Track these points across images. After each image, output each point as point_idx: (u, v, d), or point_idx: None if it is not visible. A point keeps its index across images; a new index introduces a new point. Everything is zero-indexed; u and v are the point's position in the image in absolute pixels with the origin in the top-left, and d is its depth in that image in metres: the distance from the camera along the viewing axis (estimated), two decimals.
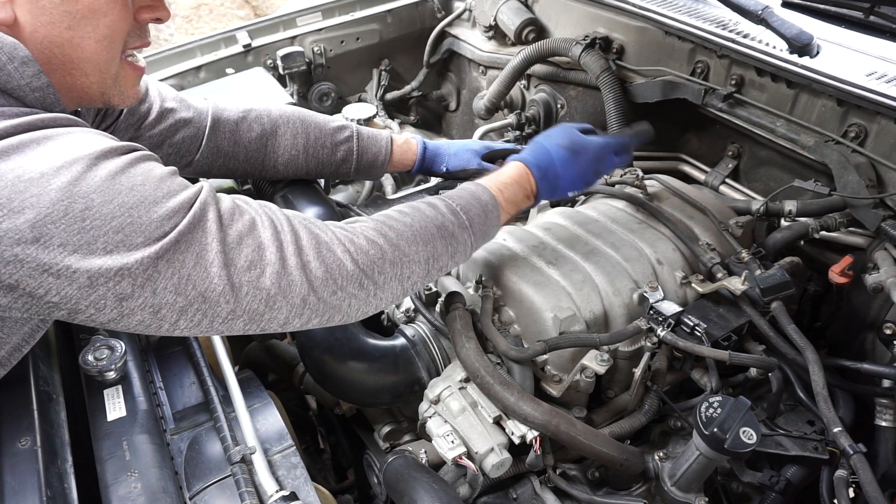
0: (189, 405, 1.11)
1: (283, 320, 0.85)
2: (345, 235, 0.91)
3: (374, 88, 2.42)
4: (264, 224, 0.84)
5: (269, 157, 1.36)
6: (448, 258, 1.00)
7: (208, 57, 2.07)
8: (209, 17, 5.86)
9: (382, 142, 1.43)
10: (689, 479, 1.06)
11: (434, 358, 1.26)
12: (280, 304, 0.83)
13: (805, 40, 1.39)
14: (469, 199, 1.05)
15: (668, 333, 1.13)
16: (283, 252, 0.83)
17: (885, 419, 1.20)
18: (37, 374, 1.01)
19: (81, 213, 0.72)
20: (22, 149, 0.73)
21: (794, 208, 1.39)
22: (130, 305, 0.76)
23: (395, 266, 0.93)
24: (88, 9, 0.81)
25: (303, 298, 0.84)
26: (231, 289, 0.79)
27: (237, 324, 0.83)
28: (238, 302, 0.80)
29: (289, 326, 0.87)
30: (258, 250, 0.82)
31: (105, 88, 0.90)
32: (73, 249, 0.72)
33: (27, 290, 0.73)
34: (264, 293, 0.81)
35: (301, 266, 0.84)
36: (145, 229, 0.75)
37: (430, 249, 0.97)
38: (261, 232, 0.83)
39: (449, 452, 1.08)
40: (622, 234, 1.32)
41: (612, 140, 1.26)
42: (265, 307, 0.82)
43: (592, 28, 1.85)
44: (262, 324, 0.84)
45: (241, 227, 0.82)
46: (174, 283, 0.76)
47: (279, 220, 0.87)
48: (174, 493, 0.92)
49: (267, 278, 0.81)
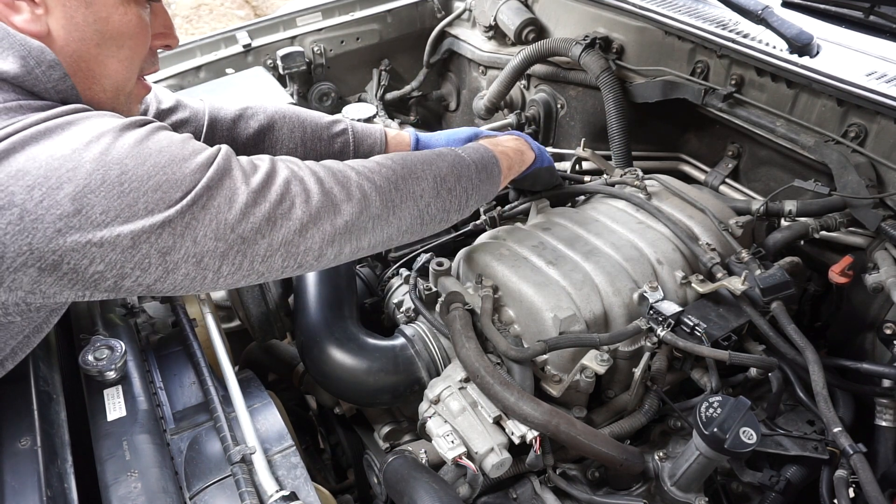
0: (189, 405, 1.11)
1: (317, 250, 0.90)
2: (356, 163, 1.00)
3: (374, 88, 2.42)
4: (281, 166, 0.91)
5: (267, 153, 1.36)
6: (454, 181, 1.08)
7: (208, 57, 2.07)
8: (209, 17, 5.86)
9: (377, 134, 1.45)
10: (689, 479, 1.06)
11: (434, 358, 1.26)
12: (312, 232, 0.88)
13: (805, 40, 1.39)
14: (466, 146, 1.18)
15: (668, 333, 1.13)
16: (306, 184, 0.89)
17: (885, 419, 1.20)
18: (37, 374, 1.01)
19: (118, 178, 0.75)
20: (49, 133, 0.76)
21: (794, 208, 1.39)
22: (174, 258, 0.79)
23: (407, 182, 1.01)
24: (117, 30, 0.88)
25: (332, 223, 0.90)
26: (267, 222, 0.84)
27: (275, 260, 0.87)
28: (274, 235, 0.85)
29: (323, 258, 0.92)
30: (284, 185, 0.87)
31: (117, 104, 0.95)
32: (115, 215, 0.75)
33: (71, 264, 0.75)
34: (297, 223, 0.87)
35: (324, 193, 0.90)
36: (181, 183, 0.79)
37: (434, 169, 1.06)
38: (280, 171, 0.89)
39: (449, 452, 1.08)
40: (622, 234, 1.32)
41: None
42: (299, 237, 0.87)
43: (592, 28, 1.85)
44: (298, 256, 0.88)
45: (263, 172, 0.87)
46: (213, 229, 0.80)
47: (293, 161, 0.94)
48: (174, 493, 0.92)
49: (297, 208, 0.87)
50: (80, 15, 0.84)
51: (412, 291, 1.33)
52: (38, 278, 0.75)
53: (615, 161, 1.76)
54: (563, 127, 2.07)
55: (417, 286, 1.31)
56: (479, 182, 1.12)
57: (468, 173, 1.10)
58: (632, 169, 1.52)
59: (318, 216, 0.89)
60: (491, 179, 1.16)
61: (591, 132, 1.97)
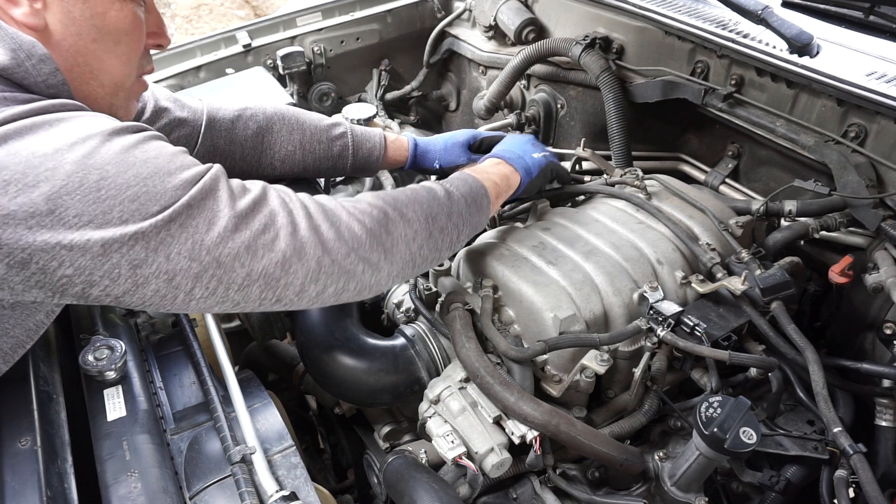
0: (189, 405, 1.11)
1: (298, 286, 0.87)
2: (347, 203, 0.96)
3: (374, 88, 2.42)
4: (272, 195, 0.88)
5: (265, 154, 1.36)
6: (446, 219, 1.05)
7: (208, 57, 2.07)
8: (209, 17, 5.86)
9: (376, 138, 1.45)
10: (689, 479, 1.06)
11: (434, 358, 1.26)
12: (295, 268, 0.85)
13: (805, 40, 1.39)
14: (453, 178, 1.14)
15: (668, 333, 1.13)
16: (294, 217, 0.86)
17: (885, 419, 1.20)
18: (37, 374, 1.01)
19: (97, 184, 0.74)
20: (35, 129, 0.75)
21: (794, 208, 1.39)
22: (144, 273, 0.77)
23: (398, 225, 0.97)
24: (114, 26, 0.88)
25: (317, 261, 0.87)
26: (247, 250, 0.81)
27: (253, 290, 0.83)
28: (254, 264, 0.82)
29: (304, 295, 0.88)
30: (270, 216, 0.84)
31: (115, 101, 0.95)
32: (88, 220, 0.73)
33: (40, 264, 0.74)
34: (279, 255, 0.84)
35: (312, 228, 0.87)
36: (160, 198, 0.77)
37: (425, 209, 1.02)
38: (270, 200, 0.86)
39: (449, 452, 1.08)
40: (622, 234, 1.32)
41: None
42: (281, 270, 0.84)
43: (592, 28, 1.85)
44: (277, 290, 0.85)
45: (251, 198, 0.85)
46: (188, 249, 0.78)
47: (285, 192, 0.91)
48: (174, 493, 0.92)
49: (281, 240, 0.84)
50: (77, 10, 0.84)
51: (412, 291, 1.33)
52: (5, 275, 0.74)
53: (615, 161, 1.76)
54: (563, 127, 2.07)
55: (417, 286, 1.31)
56: (469, 216, 1.10)
57: (459, 209, 1.08)
58: (632, 169, 1.52)
59: (303, 252, 0.85)
60: (481, 212, 1.14)
61: (591, 132, 1.97)
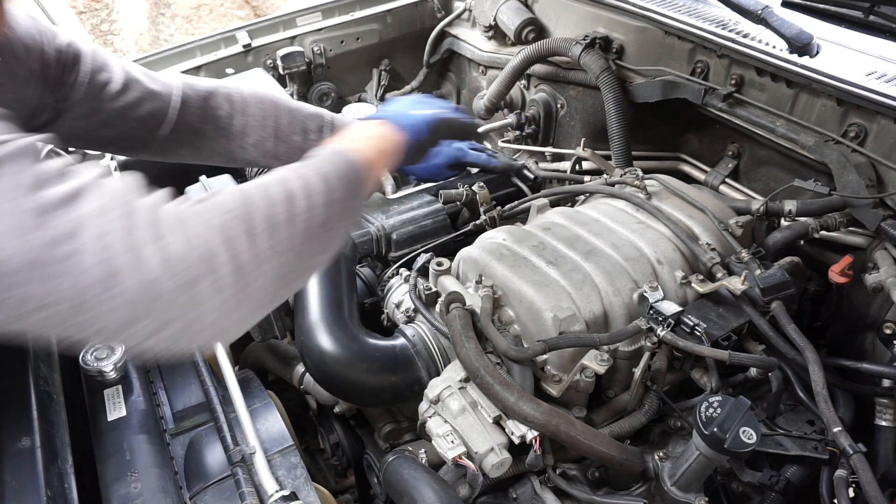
0: (189, 405, 1.11)
1: (122, 322, 0.66)
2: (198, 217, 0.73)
3: (374, 88, 2.42)
4: (94, 194, 0.68)
5: (235, 136, 1.29)
6: (319, 227, 0.83)
7: (208, 57, 2.07)
8: (209, 17, 5.86)
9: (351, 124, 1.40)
10: (689, 478, 1.06)
11: (434, 358, 1.26)
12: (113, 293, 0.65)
13: (805, 40, 1.39)
14: (317, 162, 0.92)
15: (668, 333, 1.13)
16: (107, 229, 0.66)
17: (884, 419, 1.20)
18: (37, 374, 1.01)
19: None
20: None
21: (794, 208, 1.39)
22: None
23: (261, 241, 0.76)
24: None
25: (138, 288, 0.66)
26: (33, 264, 0.62)
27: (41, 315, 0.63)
28: (46, 284, 0.62)
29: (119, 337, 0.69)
30: (76, 222, 0.65)
31: None
32: None
33: None
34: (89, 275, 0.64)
35: (130, 247, 0.66)
36: None
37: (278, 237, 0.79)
38: (89, 200, 0.67)
39: (449, 452, 1.08)
40: (622, 233, 1.32)
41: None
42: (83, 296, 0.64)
43: (592, 28, 1.85)
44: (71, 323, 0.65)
45: (65, 191, 0.66)
46: None
47: (115, 190, 0.70)
48: (174, 493, 0.92)
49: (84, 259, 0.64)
50: None
51: (412, 291, 1.33)
52: None
53: (615, 161, 1.76)
54: (563, 127, 2.06)
55: (417, 286, 1.31)
56: (342, 211, 0.89)
57: (330, 211, 0.85)
58: (632, 169, 1.52)
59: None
60: (356, 196, 0.94)
61: (591, 132, 1.97)
